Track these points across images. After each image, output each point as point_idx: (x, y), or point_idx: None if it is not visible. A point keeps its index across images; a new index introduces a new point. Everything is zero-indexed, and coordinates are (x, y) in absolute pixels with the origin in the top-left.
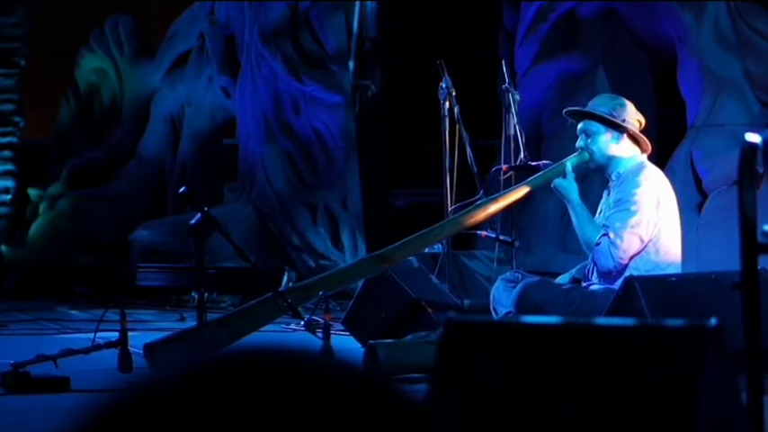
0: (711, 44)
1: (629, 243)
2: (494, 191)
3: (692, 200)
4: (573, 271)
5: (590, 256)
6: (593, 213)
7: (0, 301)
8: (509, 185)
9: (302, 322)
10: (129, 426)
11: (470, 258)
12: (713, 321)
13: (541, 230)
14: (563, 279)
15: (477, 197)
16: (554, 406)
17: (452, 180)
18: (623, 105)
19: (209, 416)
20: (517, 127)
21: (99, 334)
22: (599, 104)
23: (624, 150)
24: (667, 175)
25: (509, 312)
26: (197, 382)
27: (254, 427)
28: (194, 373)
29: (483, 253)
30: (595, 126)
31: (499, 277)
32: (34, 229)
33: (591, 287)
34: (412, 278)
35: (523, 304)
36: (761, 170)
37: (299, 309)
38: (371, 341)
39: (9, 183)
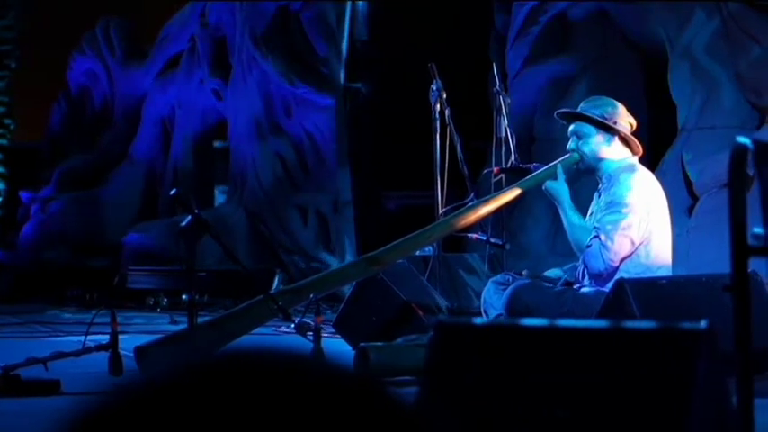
0: (702, 46)
1: (619, 245)
2: (485, 193)
3: (683, 202)
4: (565, 267)
5: (581, 258)
6: (584, 215)
7: None
8: (500, 188)
9: (293, 325)
10: (118, 428)
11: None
12: (704, 324)
13: (532, 233)
14: (552, 273)
15: (468, 199)
16: (545, 408)
17: (443, 182)
18: (615, 107)
19: (198, 418)
20: (508, 129)
21: (89, 337)
22: (590, 106)
23: (615, 153)
24: (658, 177)
25: (500, 315)
26: (186, 384)
27: (244, 428)
28: (183, 375)
29: (477, 262)
30: (587, 128)
31: (490, 280)
32: (25, 231)
33: (582, 289)
34: (402, 281)
35: (514, 306)
36: (751, 172)
37: (290, 311)
38: (362, 344)
39: (0, 185)
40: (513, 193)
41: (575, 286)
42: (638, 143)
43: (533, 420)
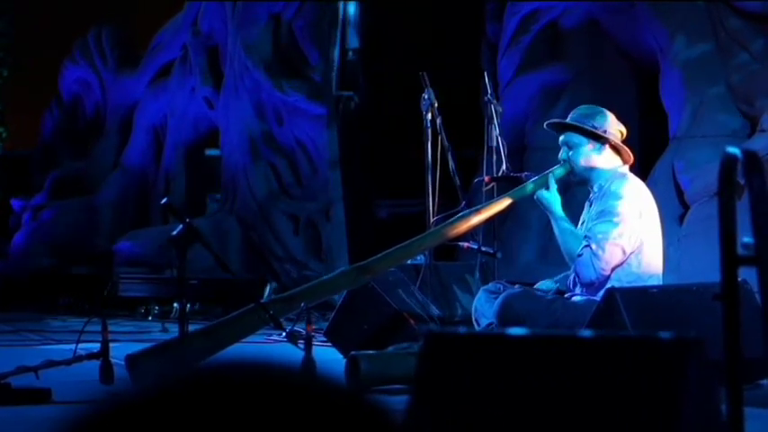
0: (693, 55)
1: (611, 254)
2: (476, 202)
3: (674, 211)
4: (555, 278)
5: (572, 267)
6: (576, 225)
7: None
8: (491, 197)
9: (284, 333)
10: None
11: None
12: (693, 333)
13: (523, 241)
14: (544, 284)
15: (459, 208)
16: (535, 418)
17: (435, 191)
18: (604, 116)
19: (187, 429)
20: (499, 138)
21: (81, 345)
22: (580, 116)
23: (606, 161)
24: (649, 186)
25: (491, 323)
26: (176, 395)
27: None
28: (173, 386)
29: (469, 271)
30: (577, 137)
31: (481, 288)
32: (17, 239)
33: (573, 298)
34: (394, 289)
35: (505, 315)
36: (742, 182)
37: (281, 320)
38: (353, 352)
39: None
40: (505, 202)
41: (566, 295)
42: (628, 151)
43: (524, 430)
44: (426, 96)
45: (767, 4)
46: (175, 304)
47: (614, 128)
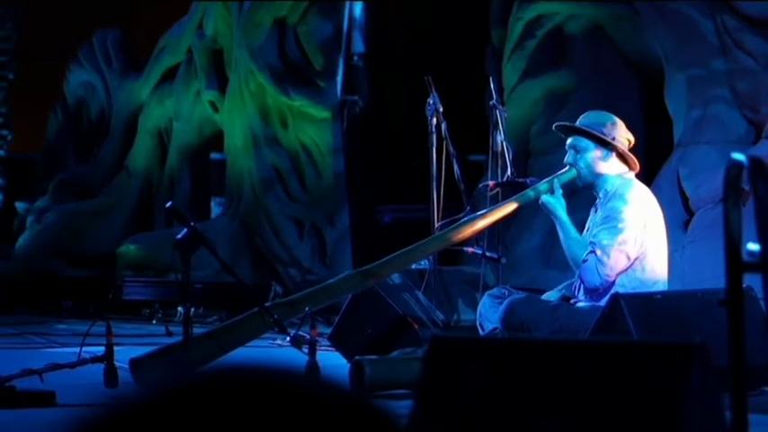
0: (698, 61)
1: (615, 260)
2: (481, 207)
3: (679, 217)
4: (560, 287)
5: (577, 273)
6: (581, 230)
7: None
8: (496, 202)
9: (288, 338)
10: None
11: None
12: (697, 339)
13: (528, 246)
14: (550, 296)
15: (464, 213)
16: (539, 423)
17: (439, 196)
18: (614, 123)
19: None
20: (504, 143)
21: (85, 348)
22: (590, 121)
23: (612, 168)
24: (654, 192)
25: (495, 328)
26: (181, 399)
27: None
28: (178, 390)
29: (474, 277)
30: (584, 142)
31: (486, 293)
32: (21, 242)
33: (577, 304)
34: (398, 294)
35: (510, 320)
36: (747, 188)
37: (285, 324)
38: (357, 357)
39: None
40: (510, 207)
41: (570, 301)
42: (635, 159)
43: None
44: (431, 101)
45: None
46: (180, 308)
47: (623, 135)
